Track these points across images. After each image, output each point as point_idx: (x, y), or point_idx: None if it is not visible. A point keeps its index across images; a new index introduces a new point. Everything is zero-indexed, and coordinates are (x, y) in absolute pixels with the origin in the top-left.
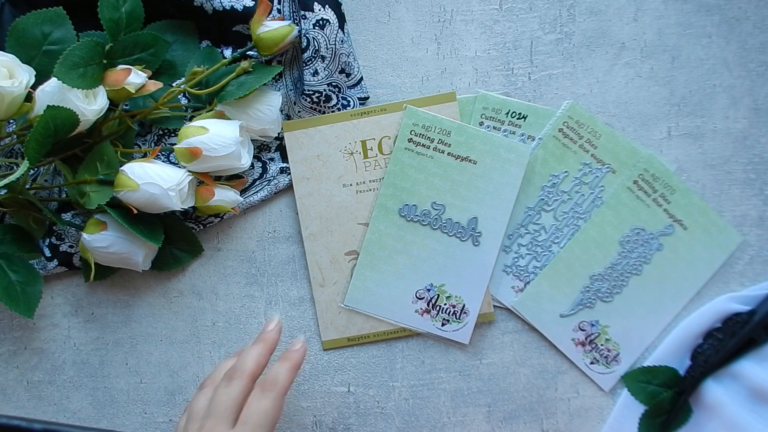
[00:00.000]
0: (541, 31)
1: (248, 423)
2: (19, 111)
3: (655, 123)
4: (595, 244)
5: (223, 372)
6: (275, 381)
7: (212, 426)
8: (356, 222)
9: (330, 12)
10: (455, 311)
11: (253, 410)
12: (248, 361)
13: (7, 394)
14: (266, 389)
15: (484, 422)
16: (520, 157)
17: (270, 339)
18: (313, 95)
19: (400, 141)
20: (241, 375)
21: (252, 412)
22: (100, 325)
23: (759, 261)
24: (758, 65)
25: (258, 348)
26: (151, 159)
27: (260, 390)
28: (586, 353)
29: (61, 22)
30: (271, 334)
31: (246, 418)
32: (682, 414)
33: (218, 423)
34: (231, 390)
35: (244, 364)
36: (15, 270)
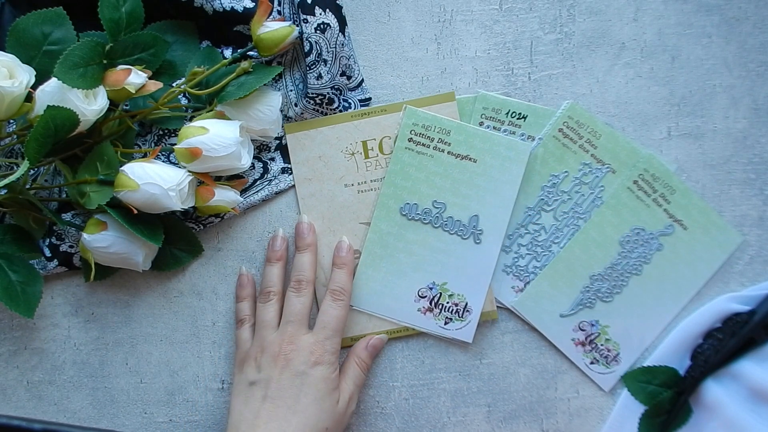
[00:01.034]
0: (541, 31)
1: (328, 327)
2: (19, 111)
3: (655, 123)
4: (595, 244)
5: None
6: (343, 289)
7: (294, 331)
8: (358, 222)
9: (331, 16)
10: (458, 310)
11: (330, 317)
12: (306, 270)
13: (7, 394)
14: (338, 299)
15: (484, 422)
16: (520, 154)
17: (313, 244)
18: (317, 98)
19: (401, 141)
20: (307, 284)
21: (331, 318)
22: (100, 325)
23: (759, 261)
24: (758, 65)
25: (308, 256)
26: (151, 159)
27: (333, 299)
28: (586, 353)
29: (61, 22)
30: (311, 239)
31: (325, 323)
32: (682, 414)
33: (299, 328)
34: (303, 299)
35: (304, 274)
36: (15, 270)
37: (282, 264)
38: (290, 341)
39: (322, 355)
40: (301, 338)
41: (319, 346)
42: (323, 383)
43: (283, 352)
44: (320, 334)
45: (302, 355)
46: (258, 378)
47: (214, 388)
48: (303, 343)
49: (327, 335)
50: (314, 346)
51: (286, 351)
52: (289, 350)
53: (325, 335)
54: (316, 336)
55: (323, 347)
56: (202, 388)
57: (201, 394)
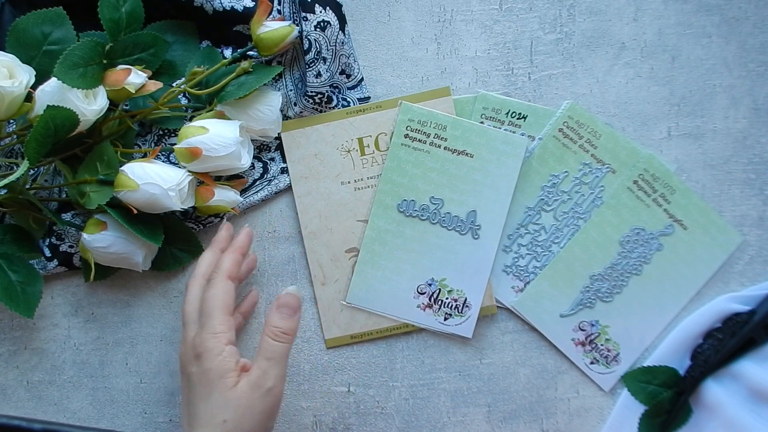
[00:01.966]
0: (541, 31)
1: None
2: (19, 111)
3: (655, 123)
4: (595, 244)
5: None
6: (218, 270)
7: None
8: (355, 219)
9: (331, 14)
10: (457, 305)
11: (205, 300)
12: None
13: (7, 394)
14: (210, 280)
15: (484, 422)
16: (516, 149)
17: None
18: (316, 96)
19: (397, 137)
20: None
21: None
22: (100, 325)
23: (759, 261)
24: (758, 65)
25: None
26: (151, 159)
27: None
28: (586, 353)
29: (61, 22)
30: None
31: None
32: (682, 414)
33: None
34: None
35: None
36: (15, 270)
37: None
38: (182, 342)
39: (201, 345)
40: (187, 337)
41: (196, 339)
42: (205, 375)
43: (179, 356)
44: (200, 324)
45: (188, 354)
46: None
47: None
48: (187, 342)
49: (202, 323)
50: (195, 339)
51: (180, 354)
52: (181, 353)
53: (201, 324)
54: (197, 328)
55: (201, 337)
56: None
57: None
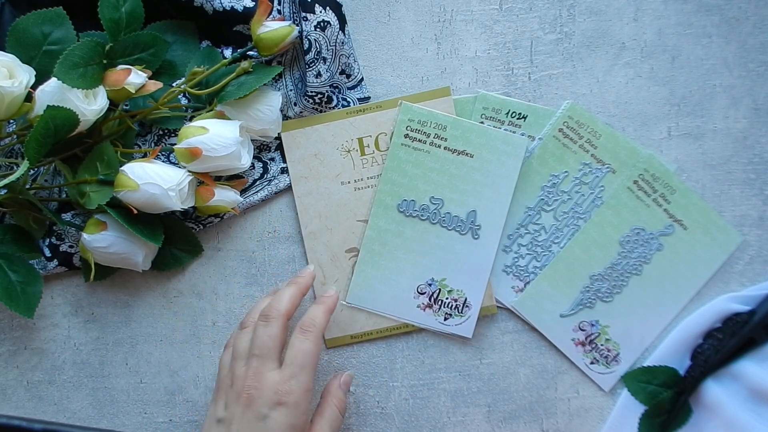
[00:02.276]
0: (541, 31)
1: (294, 363)
2: (19, 111)
3: (655, 123)
4: (595, 244)
5: (258, 311)
6: (313, 323)
7: (259, 365)
8: (355, 219)
9: (331, 14)
10: (457, 305)
11: (297, 351)
12: (282, 302)
13: (7, 394)
14: (306, 331)
15: (484, 422)
16: (516, 148)
17: (303, 282)
18: (316, 96)
19: (397, 137)
20: (276, 314)
21: (297, 353)
22: (100, 325)
23: (759, 261)
24: (758, 65)
25: (291, 289)
26: (151, 159)
27: (300, 332)
28: (586, 353)
29: (61, 22)
30: (304, 279)
31: (292, 359)
32: (682, 414)
33: (264, 362)
34: (270, 330)
35: (279, 304)
36: (15, 270)
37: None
38: (255, 378)
39: (286, 396)
40: (266, 375)
41: (284, 385)
42: (287, 429)
43: (246, 389)
44: (286, 372)
45: (265, 394)
46: (224, 416)
47: (213, 388)
48: (267, 381)
49: (293, 372)
50: (279, 385)
51: (250, 389)
52: (253, 388)
53: (291, 373)
54: (282, 374)
55: (288, 386)
56: (202, 388)
57: (201, 394)
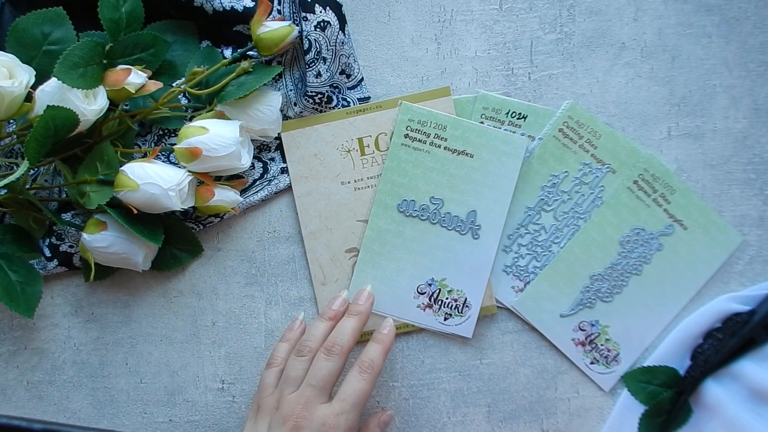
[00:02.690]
0: (541, 31)
1: (347, 401)
2: (19, 111)
3: (655, 123)
4: (595, 244)
5: (318, 338)
6: (372, 365)
7: (312, 396)
8: (355, 219)
9: (331, 14)
10: (457, 305)
11: (353, 389)
12: (346, 336)
13: (7, 394)
14: (364, 371)
15: (484, 422)
16: (516, 148)
17: (365, 313)
18: (316, 96)
19: (397, 137)
20: (340, 351)
21: (353, 391)
22: (100, 325)
23: (759, 261)
24: (758, 65)
25: (354, 322)
26: (151, 159)
27: (359, 371)
28: (586, 353)
29: (61, 22)
30: (365, 307)
31: (346, 395)
32: (682, 414)
33: (318, 394)
34: (330, 365)
35: (343, 339)
36: (15, 270)
37: (333, 324)
38: (305, 407)
39: (333, 429)
40: (317, 407)
41: (332, 419)
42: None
43: (295, 416)
44: (337, 406)
45: (313, 425)
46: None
47: (214, 388)
48: (318, 412)
49: (344, 409)
50: (328, 418)
51: (299, 417)
52: (302, 417)
53: (342, 408)
54: (333, 408)
55: (337, 421)
56: (202, 388)
57: (201, 394)
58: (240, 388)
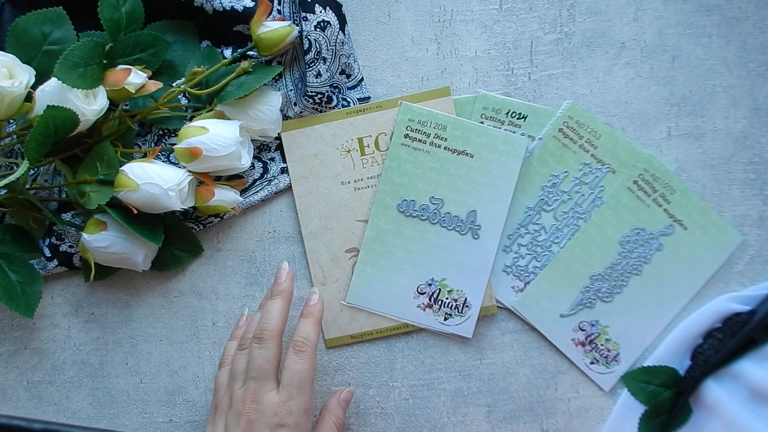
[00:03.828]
0: (541, 31)
1: (292, 385)
2: (19, 111)
3: (655, 123)
4: (595, 244)
5: (252, 326)
6: (306, 341)
7: (257, 388)
8: (355, 219)
9: (331, 14)
10: (457, 305)
11: (294, 371)
12: (274, 319)
13: (7, 394)
14: (300, 351)
15: (484, 422)
16: (516, 149)
17: (288, 291)
18: (316, 96)
19: (397, 137)
20: (270, 335)
21: (294, 374)
22: (100, 325)
23: (759, 261)
24: (758, 65)
25: (278, 303)
26: (151, 159)
27: (294, 352)
28: (586, 353)
29: (61, 22)
30: (285, 285)
31: (289, 380)
32: (682, 414)
33: (262, 384)
34: (265, 352)
35: (270, 323)
36: (15, 270)
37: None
38: (253, 399)
39: (286, 417)
40: (264, 397)
41: (282, 407)
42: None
43: (245, 411)
44: (284, 393)
45: (265, 416)
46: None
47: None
48: (266, 402)
49: (291, 394)
50: (278, 406)
51: (249, 411)
52: (252, 410)
53: (290, 394)
54: (280, 396)
55: (287, 408)
56: (202, 388)
57: (201, 394)
58: None
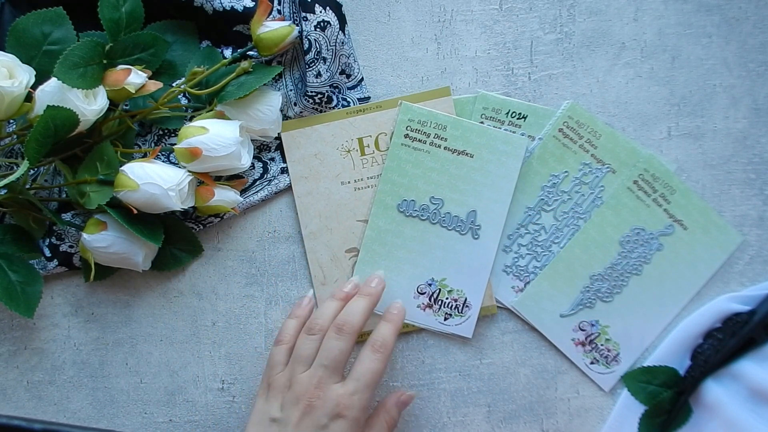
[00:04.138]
0: (541, 31)
1: (361, 380)
2: (19, 111)
3: (655, 123)
4: (595, 244)
5: (328, 317)
6: (385, 344)
7: (325, 376)
8: (355, 219)
9: (331, 14)
10: (457, 305)
11: (367, 369)
12: (357, 316)
13: (7, 394)
14: (377, 351)
15: (484, 422)
16: (516, 149)
17: (376, 296)
18: (316, 96)
19: (397, 137)
20: (350, 330)
21: (366, 371)
22: (100, 325)
23: (759, 261)
24: (758, 65)
25: (365, 303)
26: (151, 159)
27: (372, 350)
28: (586, 353)
29: (61, 22)
30: (376, 290)
31: (359, 375)
32: (682, 414)
33: (331, 375)
34: (342, 344)
35: (353, 318)
36: (15, 270)
37: (344, 305)
38: (318, 387)
39: (347, 410)
40: (330, 387)
41: (346, 399)
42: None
43: (308, 396)
44: (351, 386)
45: (327, 405)
46: (279, 417)
47: (214, 388)
48: (331, 392)
49: (358, 388)
50: (342, 398)
51: (312, 397)
52: (315, 396)
53: (356, 388)
54: (347, 387)
55: (351, 401)
56: (202, 388)
57: (201, 394)
58: (240, 388)
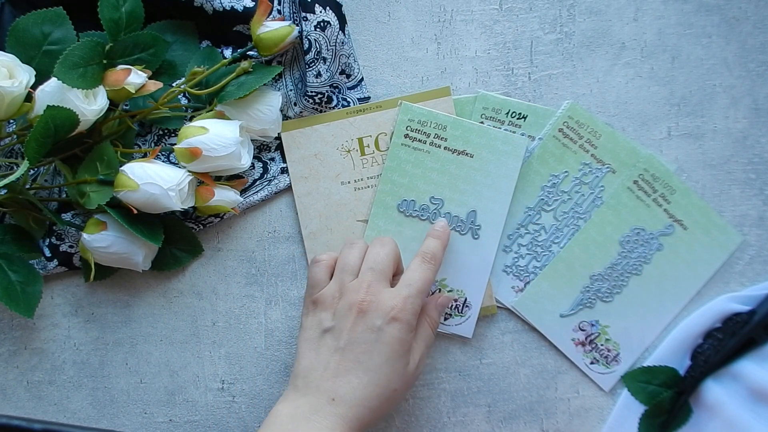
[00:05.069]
0: (541, 31)
1: (413, 286)
2: (19, 111)
3: (655, 123)
4: (595, 244)
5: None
6: (435, 256)
7: (374, 280)
8: (355, 219)
9: (331, 14)
10: (457, 305)
11: (419, 277)
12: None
13: (7, 394)
14: (428, 261)
15: (484, 422)
16: (516, 148)
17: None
18: (316, 96)
19: (397, 137)
20: (391, 241)
21: (418, 278)
22: (100, 325)
23: (759, 261)
24: (758, 65)
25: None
26: (151, 159)
27: (422, 260)
28: (586, 353)
29: (61, 22)
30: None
31: (412, 281)
32: (682, 414)
33: (379, 278)
34: (387, 249)
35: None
36: (15, 270)
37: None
38: (369, 291)
39: (401, 313)
40: (382, 291)
41: (400, 302)
42: (398, 344)
43: (360, 300)
44: (404, 291)
45: (381, 308)
46: (332, 326)
47: (214, 388)
48: (384, 296)
49: (410, 293)
50: (395, 300)
51: (365, 300)
52: (369, 301)
53: (409, 293)
54: (399, 291)
55: (404, 304)
56: (202, 388)
57: (201, 394)
58: (240, 388)
